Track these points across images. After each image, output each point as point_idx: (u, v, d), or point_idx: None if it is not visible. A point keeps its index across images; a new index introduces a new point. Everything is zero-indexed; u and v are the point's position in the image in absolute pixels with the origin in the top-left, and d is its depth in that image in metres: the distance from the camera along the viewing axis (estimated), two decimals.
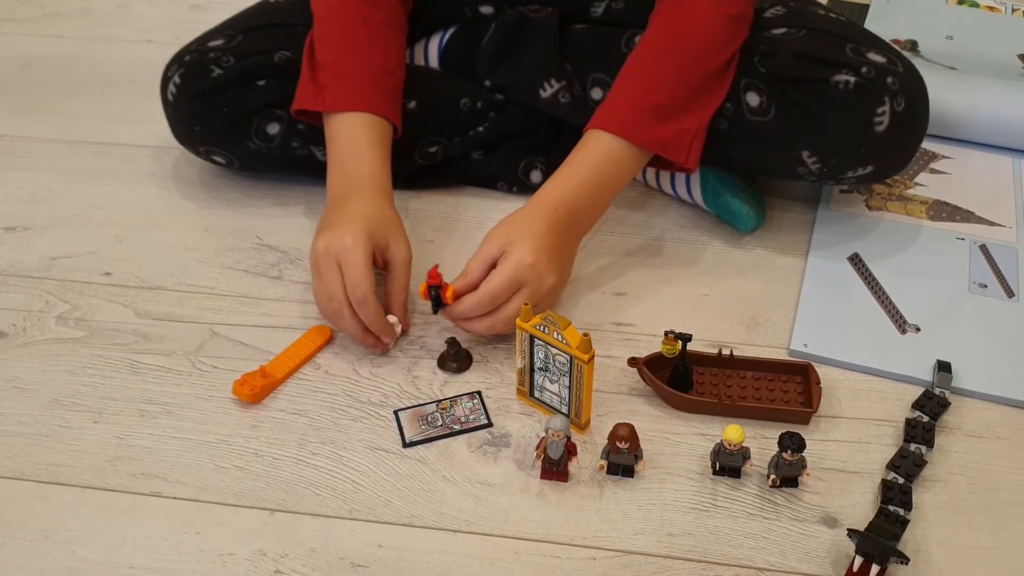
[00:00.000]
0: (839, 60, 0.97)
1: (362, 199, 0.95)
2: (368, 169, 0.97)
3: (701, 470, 0.84)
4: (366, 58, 1.02)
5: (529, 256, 0.89)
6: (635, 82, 0.99)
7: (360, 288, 0.89)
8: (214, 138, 1.10)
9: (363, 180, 0.97)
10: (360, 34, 1.03)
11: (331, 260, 0.90)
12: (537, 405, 0.90)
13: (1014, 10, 1.51)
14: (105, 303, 1.02)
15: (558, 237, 0.93)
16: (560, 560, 0.78)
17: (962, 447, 0.87)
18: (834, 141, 0.99)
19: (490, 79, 1.13)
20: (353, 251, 0.89)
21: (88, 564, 0.78)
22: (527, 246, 0.90)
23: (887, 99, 0.96)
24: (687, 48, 0.97)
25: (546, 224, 0.92)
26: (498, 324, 0.91)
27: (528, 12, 1.12)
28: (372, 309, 0.90)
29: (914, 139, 1.02)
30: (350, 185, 0.97)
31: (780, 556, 0.78)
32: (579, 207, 0.95)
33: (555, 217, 0.93)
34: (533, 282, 0.90)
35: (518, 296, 0.90)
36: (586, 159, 0.97)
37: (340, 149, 0.99)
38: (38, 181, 1.20)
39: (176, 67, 1.08)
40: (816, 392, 0.88)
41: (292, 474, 0.84)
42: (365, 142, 0.99)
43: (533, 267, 0.89)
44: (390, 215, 0.96)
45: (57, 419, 0.89)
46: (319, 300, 0.93)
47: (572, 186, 0.95)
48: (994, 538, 0.80)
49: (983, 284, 1.03)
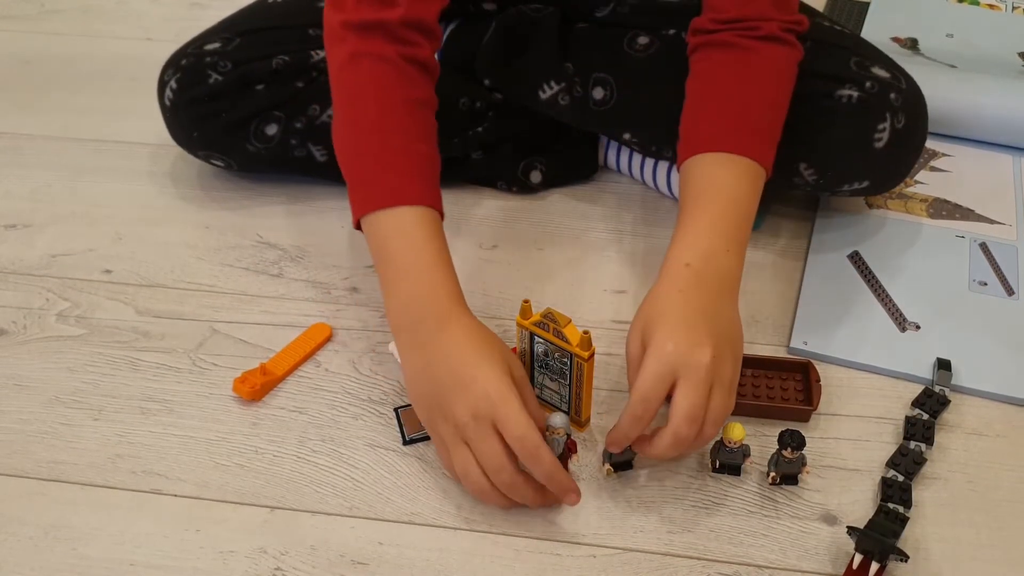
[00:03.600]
0: (843, 74, 0.96)
1: (463, 330, 0.78)
2: (447, 286, 0.80)
3: (701, 468, 0.84)
4: (413, 145, 0.86)
5: (668, 342, 0.74)
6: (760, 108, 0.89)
7: (529, 439, 0.72)
8: (212, 142, 1.10)
9: (449, 301, 0.80)
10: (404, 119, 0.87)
11: (485, 424, 0.74)
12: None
13: (1014, 8, 1.51)
14: (105, 300, 1.02)
15: (700, 299, 0.77)
16: (560, 558, 0.78)
17: (962, 445, 0.87)
18: (833, 155, 0.98)
19: (489, 79, 1.13)
20: (507, 400, 0.73)
21: (89, 561, 0.78)
22: (664, 332, 0.74)
23: (888, 115, 0.95)
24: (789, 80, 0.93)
25: (677, 291, 0.77)
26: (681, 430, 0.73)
27: (529, 11, 1.11)
28: (549, 458, 0.73)
29: (911, 156, 1.01)
30: (435, 312, 0.79)
31: (780, 553, 0.78)
32: (715, 250, 0.80)
33: (687, 276, 0.78)
34: (687, 365, 0.73)
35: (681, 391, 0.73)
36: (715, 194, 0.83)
37: (395, 255, 0.82)
38: (38, 179, 1.20)
39: (172, 71, 1.07)
40: (816, 390, 0.88)
41: (292, 471, 0.85)
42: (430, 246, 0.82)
43: (676, 351, 0.73)
44: (492, 335, 0.79)
45: (57, 416, 0.90)
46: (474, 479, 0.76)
47: (701, 230, 0.81)
48: (994, 535, 0.80)
49: (983, 282, 1.03)
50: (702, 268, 0.79)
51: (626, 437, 0.76)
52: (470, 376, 0.75)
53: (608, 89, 1.07)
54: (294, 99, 1.07)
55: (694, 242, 0.81)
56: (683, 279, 0.78)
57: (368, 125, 0.87)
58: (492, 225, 1.11)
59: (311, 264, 1.06)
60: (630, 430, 0.75)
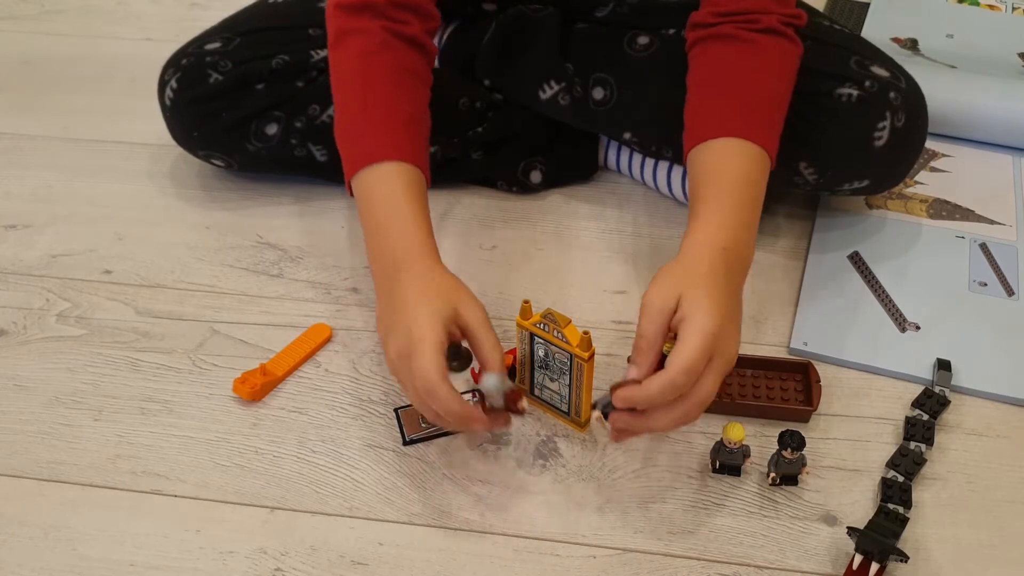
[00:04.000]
0: (843, 73, 0.96)
1: (412, 277, 0.81)
2: (411, 236, 0.84)
3: (701, 468, 0.84)
4: (392, 105, 0.90)
5: (714, 321, 0.72)
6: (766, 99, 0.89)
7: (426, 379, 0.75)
8: (212, 142, 1.10)
9: (409, 251, 0.83)
10: (385, 82, 0.91)
11: (405, 362, 0.78)
12: (537, 403, 0.90)
13: (1014, 8, 1.51)
14: (105, 301, 1.02)
15: (732, 288, 0.78)
16: (560, 558, 0.78)
17: (962, 445, 0.87)
18: (833, 154, 0.98)
19: (490, 80, 1.13)
20: (420, 340, 0.76)
21: (89, 561, 0.78)
22: (710, 309, 0.73)
23: (888, 114, 0.95)
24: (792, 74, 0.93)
25: (721, 272, 0.77)
26: (692, 411, 0.74)
27: (529, 11, 1.11)
28: (445, 396, 0.75)
29: (911, 155, 1.01)
30: (395, 261, 0.83)
31: (780, 554, 0.78)
32: (744, 240, 0.81)
33: (723, 259, 0.78)
34: (723, 351, 0.73)
35: (709, 374, 0.73)
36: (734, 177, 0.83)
37: (373, 210, 0.86)
38: (38, 179, 1.20)
39: (173, 71, 1.07)
40: (816, 390, 0.88)
41: (292, 472, 0.85)
42: (403, 198, 0.85)
43: (721, 332, 0.73)
44: (447, 281, 0.82)
45: (58, 417, 0.90)
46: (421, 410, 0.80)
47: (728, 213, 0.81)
48: (994, 536, 0.80)
49: (983, 282, 1.03)
50: (733, 253, 0.79)
51: (649, 402, 0.73)
52: (402, 319, 0.78)
53: (608, 89, 1.07)
54: (294, 99, 1.07)
55: (722, 225, 0.80)
56: (721, 262, 0.78)
57: (351, 95, 0.91)
58: (492, 225, 1.11)
59: (311, 264, 1.06)
60: (661, 396, 0.72)
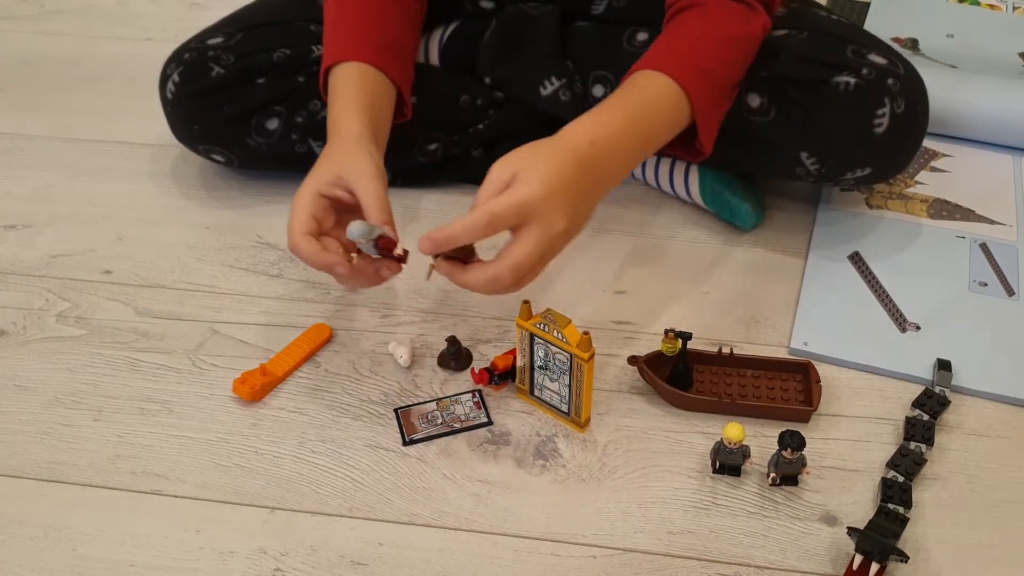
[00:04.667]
0: (840, 62, 0.96)
1: (326, 155, 0.88)
2: (343, 125, 0.90)
3: (701, 468, 0.84)
4: (362, 18, 0.98)
5: (542, 187, 0.76)
6: (696, 46, 0.92)
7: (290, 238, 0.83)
8: (214, 136, 1.10)
9: (336, 135, 0.90)
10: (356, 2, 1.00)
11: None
12: (538, 404, 0.90)
13: (1015, 8, 1.51)
14: (105, 301, 1.02)
15: (583, 177, 0.80)
16: (560, 558, 0.78)
17: (962, 445, 0.87)
18: (833, 143, 0.98)
19: (490, 76, 1.13)
20: (293, 207, 0.84)
21: (89, 562, 0.78)
22: (543, 176, 0.76)
23: (887, 101, 0.95)
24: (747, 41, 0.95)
25: (574, 158, 0.79)
26: (504, 272, 0.77)
27: (529, 9, 1.11)
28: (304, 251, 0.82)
29: (913, 141, 1.01)
30: (328, 144, 0.90)
31: (780, 554, 0.78)
32: (617, 148, 0.83)
33: (587, 153, 0.80)
34: (542, 219, 0.76)
35: (524, 236, 0.77)
36: (635, 98, 0.87)
37: (329, 106, 0.93)
38: (38, 179, 1.20)
39: (175, 65, 1.08)
40: (816, 390, 0.88)
41: (292, 472, 0.85)
42: (346, 93, 0.92)
43: (546, 202, 0.76)
44: (339, 149, 0.87)
45: (57, 417, 0.90)
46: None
47: (614, 124, 0.84)
48: (994, 536, 0.80)
49: (983, 282, 1.03)
50: (602, 156, 0.82)
51: (451, 241, 0.77)
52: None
53: (608, 87, 1.07)
54: (295, 93, 1.08)
55: (604, 128, 0.83)
56: (583, 153, 0.80)
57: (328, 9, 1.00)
58: None
59: None
60: (462, 236, 0.76)
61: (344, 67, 0.95)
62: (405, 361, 0.92)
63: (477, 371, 0.90)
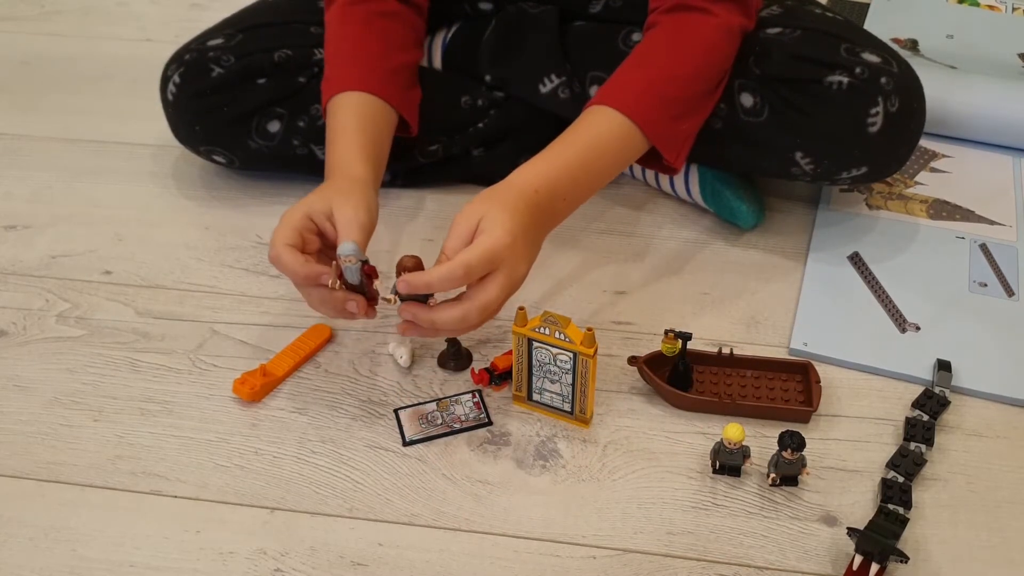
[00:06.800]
0: (833, 60, 0.96)
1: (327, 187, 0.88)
2: (338, 156, 0.92)
3: (701, 469, 0.84)
4: (364, 44, 1.00)
5: (508, 236, 0.80)
6: (652, 70, 0.94)
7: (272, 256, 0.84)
8: (214, 137, 1.10)
9: (332, 169, 0.92)
10: (355, 26, 1.01)
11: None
12: (536, 408, 0.89)
13: (1014, 9, 1.51)
14: (105, 301, 1.02)
15: (534, 221, 0.85)
16: (560, 559, 0.78)
17: (962, 446, 0.87)
18: (827, 142, 0.98)
19: (490, 75, 1.13)
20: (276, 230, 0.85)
21: (88, 562, 0.78)
22: (506, 225, 0.81)
23: (880, 100, 0.95)
24: (705, 50, 0.95)
25: (525, 204, 0.84)
26: (472, 313, 0.81)
27: (527, 8, 1.12)
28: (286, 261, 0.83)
29: (909, 140, 1.01)
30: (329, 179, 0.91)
31: (780, 554, 0.78)
32: (560, 193, 0.88)
33: (534, 200, 0.85)
34: (509, 264, 0.81)
35: (493, 281, 0.81)
36: (582, 138, 0.91)
37: (328, 135, 0.95)
38: (38, 180, 1.20)
39: (176, 66, 1.08)
40: (816, 391, 0.88)
41: (292, 473, 0.85)
42: (345, 123, 0.94)
43: (511, 248, 0.81)
44: (336, 185, 0.88)
45: (57, 417, 0.90)
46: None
47: (558, 167, 0.88)
48: (993, 536, 0.80)
49: (983, 283, 1.03)
50: (545, 201, 0.86)
51: (427, 288, 0.80)
52: None
53: None
54: (296, 95, 1.08)
55: (548, 172, 0.88)
56: (531, 200, 0.85)
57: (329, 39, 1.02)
58: None
59: None
60: (437, 286, 0.79)
61: (346, 97, 0.96)
62: (405, 361, 0.92)
63: (477, 371, 0.90)
